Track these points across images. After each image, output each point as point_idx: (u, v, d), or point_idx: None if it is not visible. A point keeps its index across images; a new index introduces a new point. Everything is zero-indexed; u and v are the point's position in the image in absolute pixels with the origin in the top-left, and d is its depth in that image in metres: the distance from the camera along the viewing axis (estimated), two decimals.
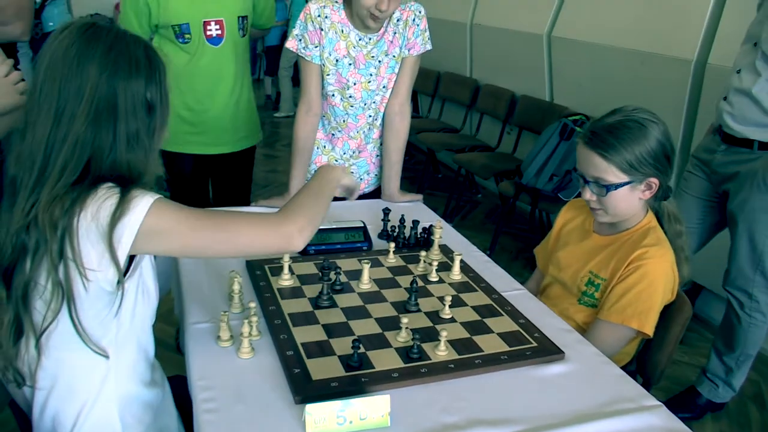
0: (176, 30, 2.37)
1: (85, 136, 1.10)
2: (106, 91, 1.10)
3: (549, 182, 3.58)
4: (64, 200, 1.07)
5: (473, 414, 1.17)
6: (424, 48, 2.11)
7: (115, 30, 1.16)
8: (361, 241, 1.81)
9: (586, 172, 1.60)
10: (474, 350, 1.34)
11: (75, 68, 1.09)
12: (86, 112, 1.09)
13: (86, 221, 1.07)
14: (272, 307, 1.45)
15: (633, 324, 1.53)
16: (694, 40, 3.10)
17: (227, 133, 2.59)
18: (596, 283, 1.63)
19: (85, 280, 1.09)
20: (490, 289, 1.62)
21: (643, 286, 1.53)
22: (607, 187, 1.56)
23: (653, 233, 1.60)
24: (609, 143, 1.54)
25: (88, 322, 1.13)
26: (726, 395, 2.56)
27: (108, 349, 1.17)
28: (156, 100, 1.18)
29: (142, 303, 1.20)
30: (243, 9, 2.48)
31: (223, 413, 1.12)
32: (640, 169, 1.54)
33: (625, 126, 1.55)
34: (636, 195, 1.58)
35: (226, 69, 2.50)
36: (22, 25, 2.63)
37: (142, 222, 1.08)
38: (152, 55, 1.18)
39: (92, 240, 1.08)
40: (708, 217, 2.55)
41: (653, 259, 1.54)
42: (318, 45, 2.02)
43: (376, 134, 2.23)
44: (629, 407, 1.22)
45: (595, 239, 1.70)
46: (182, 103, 2.49)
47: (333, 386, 1.19)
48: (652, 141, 1.54)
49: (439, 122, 5.43)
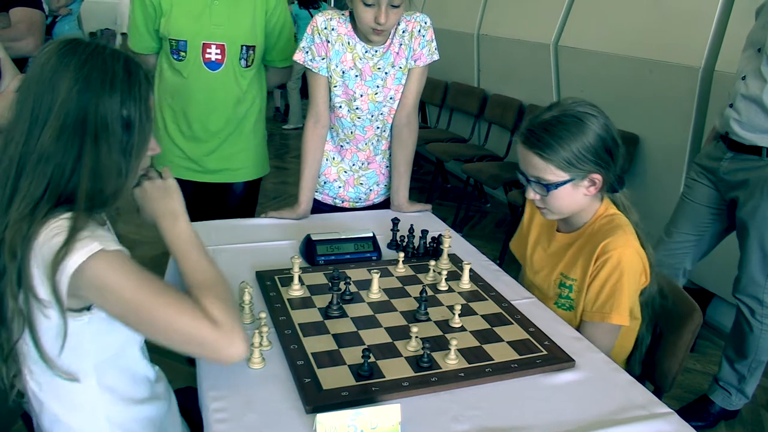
0: (173, 45, 2.28)
1: (49, 151, 1.07)
2: (75, 107, 1.08)
3: None
4: (23, 225, 1.05)
5: (484, 422, 1.17)
6: (431, 59, 2.12)
7: (95, 45, 1.13)
8: (370, 251, 1.81)
9: (527, 171, 1.57)
10: (484, 359, 1.34)
11: (47, 83, 1.08)
12: (54, 126, 1.07)
13: (35, 254, 1.05)
14: (282, 318, 1.45)
15: (613, 320, 1.52)
16: (701, 48, 3.10)
17: (219, 162, 2.44)
18: (568, 284, 1.62)
19: (42, 309, 1.07)
20: (499, 297, 1.62)
21: (613, 278, 1.51)
22: (548, 186, 1.53)
23: (612, 221, 1.57)
24: (545, 142, 1.50)
25: (56, 349, 1.11)
26: (739, 403, 2.55)
27: (88, 373, 1.16)
28: (135, 116, 1.13)
29: (118, 330, 1.14)
30: (249, 38, 2.33)
31: (234, 423, 1.13)
32: (579, 166, 1.50)
33: (560, 122, 1.50)
34: (580, 192, 1.55)
35: (221, 97, 2.35)
36: (33, 40, 2.67)
37: (78, 268, 1.03)
38: (133, 69, 1.14)
39: (40, 274, 1.06)
40: (715, 224, 2.54)
41: (618, 248, 1.50)
42: (325, 57, 2.04)
43: (385, 145, 2.23)
44: (640, 414, 1.22)
45: (559, 238, 1.68)
46: (174, 124, 2.39)
47: (343, 396, 1.19)
48: (590, 136, 1.50)
49: (447, 132, 5.44)
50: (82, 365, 1.16)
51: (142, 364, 1.27)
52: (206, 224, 2.02)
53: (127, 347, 1.21)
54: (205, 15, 2.25)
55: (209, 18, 2.25)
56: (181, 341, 1.10)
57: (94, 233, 1.08)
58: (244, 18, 2.30)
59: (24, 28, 2.62)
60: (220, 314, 1.11)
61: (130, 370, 1.24)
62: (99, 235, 1.09)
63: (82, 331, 1.13)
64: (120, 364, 1.22)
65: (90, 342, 1.15)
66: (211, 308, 1.11)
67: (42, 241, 1.05)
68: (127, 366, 1.23)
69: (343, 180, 2.25)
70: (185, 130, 2.39)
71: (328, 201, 2.29)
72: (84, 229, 1.07)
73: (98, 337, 1.15)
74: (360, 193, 2.28)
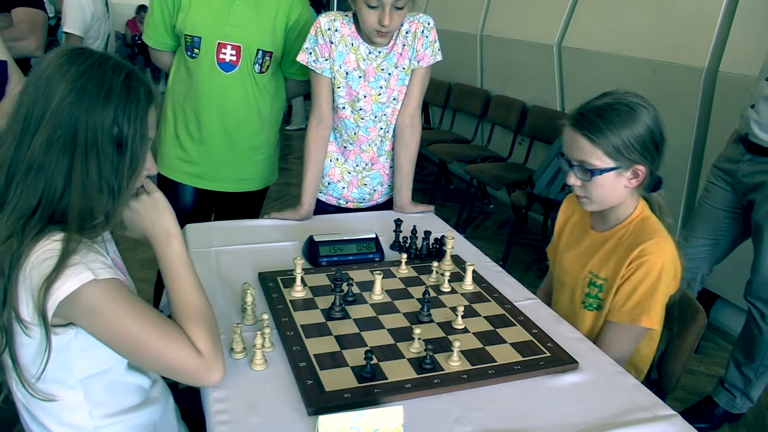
0: (188, 41, 2.23)
1: (39, 162, 1.05)
2: (66, 119, 1.05)
3: (561, 192, 3.57)
4: (13, 243, 1.04)
5: (487, 425, 1.16)
6: (434, 59, 2.11)
7: (97, 56, 1.10)
8: (373, 252, 1.81)
9: (571, 155, 1.56)
10: (487, 360, 1.34)
11: (43, 91, 1.06)
12: (44, 136, 1.05)
13: (23, 275, 1.04)
14: (285, 319, 1.45)
15: (643, 323, 1.50)
16: (705, 49, 3.09)
17: (225, 170, 2.38)
18: (598, 283, 1.60)
19: (24, 329, 1.06)
20: (502, 299, 1.62)
21: (648, 282, 1.50)
22: (592, 171, 1.52)
23: (648, 224, 1.56)
24: (596, 125, 1.50)
25: (35, 368, 1.10)
26: (743, 406, 2.54)
27: (75, 388, 1.15)
28: (127, 135, 1.09)
29: (102, 346, 1.12)
30: (267, 43, 2.26)
31: (237, 425, 1.12)
32: (626, 155, 1.49)
33: (613, 109, 1.51)
34: (621, 182, 1.54)
35: (232, 100, 2.28)
36: (35, 40, 2.67)
37: (67, 296, 1.03)
38: (133, 85, 1.10)
39: (26, 296, 1.04)
40: (732, 228, 2.52)
41: (656, 253, 1.50)
42: (328, 58, 2.04)
43: (389, 146, 2.23)
44: (644, 417, 1.21)
45: (593, 236, 1.67)
46: (183, 125, 2.34)
47: (346, 397, 1.19)
48: (641, 126, 1.50)
49: (451, 133, 5.44)
50: (68, 381, 1.15)
51: (131, 376, 1.25)
52: (209, 225, 2.03)
53: (115, 363, 1.20)
54: (224, 14, 2.21)
55: (227, 17, 2.21)
56: (164, 368, 1.15)
57: (85, 258, 1.06)
58: (264, 22, 2.25)
59: (26, 28, 2.63)
60: (205, 345, 1.15)
61: (119, 384, 1.22)
62: (90, 259, 1.07)
63: (69, 346, 1.11)
64: (108, 380, 1.20)
65: (77, 357, 1.13)
66: (196, 339, 1.15)
67: (32, 263, 1.04)
68: (117, 380, 1.22)
69: (347, 181, 2.24)
70: (193, 131, 2.34)
71: (332, 202, 2.28)
72: (75, 253, 1.05)
73: (86, 352, 1.14)
74: (364, 194, 2.27)
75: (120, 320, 1.08)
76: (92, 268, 1.06)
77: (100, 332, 1.09)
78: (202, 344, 1.15)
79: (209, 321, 1.20)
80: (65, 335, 1.10)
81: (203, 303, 1.22)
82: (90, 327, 1.09)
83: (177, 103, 2.35)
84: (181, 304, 1.19)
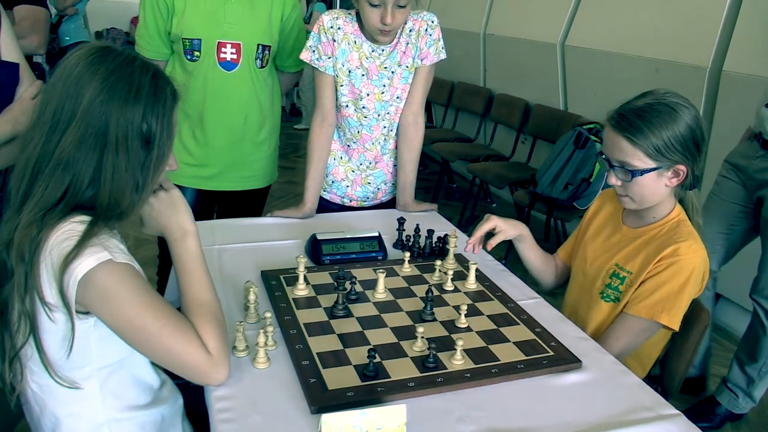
0: (186, 45, 2.22)
1: (69, 158, 1.07)
2: (98, 117, 1.07)
3: (564, 191, 3.56)
4: (32, 229, 1.05)
5: (490, 423, 1.16)
6: (438, 57, 2.11)
7: (126, 54, 1.13)
8: (376, 251, 1.81)
9: (612, 156, 1.54)
10: (490, 359, 1.34)
11: (73, 89, 1.08)
12: (74, 134, 1.07)
13: (44, 257, 1.06)
14: (288, 317, 1.45)
15: (662, 320, 1.50)
16: (708, 47, 3.09)
17: (230, 169, 2.38)
18: (621, 276, 1.60)
19: (49, 312, 1.07)
20: (505, 298, 1.61)
21: (676, 282, 1.49)
22: (633, 172, 1.50)
23: (683, 227, 1.56)
24: (637, 127, 1.48)
25: (61, 351, 1.11)
26: (746, 406, 2.53)
27: (92, 377, 1.16)
28: (155, 132, 1.12)
29: (118, 339, 1.14)
30: (266, 37, 2.28)
31: (240, 423, 1.12)
32: (667, 156, 1.48)
33: (654, 109, 1.49)
34: (663, 182, 1.53)
35: (236, 99, 2.30)
36: (38, 38, 2.67)
37: (85, 274, 1.04)
38: (160, 84, 1.14)
39: (48, 277, 1.06)
40: (743, 222, 2.50)
41: (687, 255, 1.49)
42: (331, 56, 2.04)
43: (393, 145, 2.23)
44: (647, 416, 1.21)
45: (624, 231, 1.66)
46: (188, 129, 2.33)
47: (349, 396, 1.19)
48: (681, 126, 1.48)
49: (453, 132, 5.44)
50: (86, 369, 1.16)
51: (146, 371, 1.26)
52: (211, 223, 2.03)
53: (132, 354, 1.21)
54: (219, 13, 2.22)
55: (223, 16, 2.22)
56: (172, 363, 1.15)
57: (104, 242, 1.08)
58: (259, 17, 2.27)
59: (28, 25, 2.63)
60: (215, 343, 1.16)
61: (133, 377, 1.24)
62: (109, 244, 1.09)
63: (88, 334, 1.13)
64: (124, 371, 1.21)
65: (96, 345, 1.15)
66: (206, 336, 1.16)
67: (52, 244, 1.06)
68: (131, 373, 1.23)
69: (351, 179, 2.24)
70: (198, 134, 2.33)
71: (336, 200, 2.28)
72: (95, 236, 1.07)
73: (104, 342, 1.15)
74: (368, 192, 2.27)
75: (133, 308, 1.09)
76: (109, 250, 1.08)
77: (113, 319, 1.10)
78: (211, 342, 1.15)
79: (219, 320, 1.20)
80: (85, 323, 1.11)
81: (214, 301, 1.23)
82: (103, 313, 1.09)
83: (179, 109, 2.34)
84: (193, 300, 1.20)
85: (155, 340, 1.11)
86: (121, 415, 1.21)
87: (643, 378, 1.45)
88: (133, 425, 1.23)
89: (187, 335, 1.13)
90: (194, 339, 1.14)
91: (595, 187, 3.52)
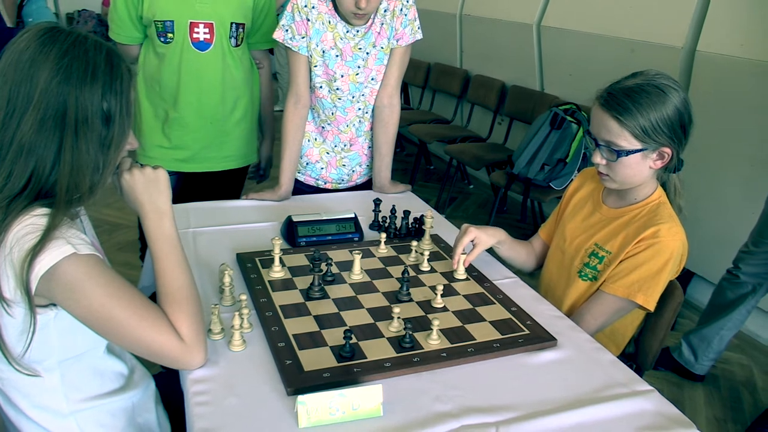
0: (159, 27, 2.19)
1: (30, 143, 1.06)
2: (56, 98, 1.06)
3: (540, 172, 3.58)
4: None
5: (466, 402, 1.17)
6: (413, 38, 2.10)
7: (75, 34, 1.10)
8: (352, 232, 1.80)
9: (599, 135, 1.54)
10: (466, 339, 1.34)
11: (26, 72, 1.06)
12: (33, 118, 1.05)
13: (6, 250, 1.04)
14: (263, 299, 1.44)
15: (638, 300, 1.51)
16: (683, 28, 3.10)
17: (207, 150, 2.37)
18: (600, 255, 1.61)
19: (7, 308, 1.06)
20: (481, 277, 1.62)
21: (654, 263, 1.51)
22: (619, 152, 1.51)
23: (664, 209, 1.56)
24: (625, 107, 1.48)
25: (20, 347, 1.09)
26: (702, 368, 2.68)
27: (53, 369, 1.15)
28: (115, 110, 1.11)
29: (85, 329, 1.13)
30: (239, 15, 2.25)
31: (216, 406, 1.12)
32: (654, 137, 1.48)
33: (643, 90, 1.48)
34: (647, 164, 1.53)
35: (211, 79, 2.27)
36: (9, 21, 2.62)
37: (48, 270, 1.03)
38: (115, 62, 1.12)
39: (7, 272, 1.04)
40: None
41: (667, 237, 1.51)
42: (305, 36, 2.01)
43: (368, 127, 2.21)
44: (622, 392, 1.22)
45: (604, 211, 1.67)
46: (162, 112, 2.31)
47: (325, 377, 1.18)
48: (670, 109, 1.48)
49: (430, 113, 5.42)
50: (47, 362, 1.14)
51: (110, 362, 1.25)
52: (186, 206, 2.00)
53: (94, 347, 1.20)
54: None
55: None
56: (144, 351, 1.13)
57: (66, 234, 1.07)
58: None
59: None
60: (188, 330, 1.15)
61: (97, 369, 1.22)
62: (71, 235, 1.07)
63: (48, 326, 1.11)
64: (86, 363, 1.20)
65: (56, 338, 1.13)
66: (179, 323, 1.15)
67: (12, 239, 1.04)
68: (95, 365, 1.22)
69: (326, 161, 2.23)
70: (173, 116, 2.30)
71: (311, 182, 2.27)
72: (57, 229, 1.06)
73: (65, 335, 1.13)
74: (343, 174, 2.26)
75: (99, 299, 1.07)
76: (73, 243, 1.06)
77: (80, 311, 1.08)
78: (184, 328, 1.14)
79: (194, 304, 1.19)
80: (45, 315, 1.09)
81: (190, 286, 1.21)
82: (70, 305, 1.08)
83: (153, 92, 2.32)
84: (168, 284, 1.19)
85: (124, 330, 1.10)
86: (86, 405, 1.20)
87: (618, 356, 1.46)
88: (101, 413, 1.22)
89: (156, 323, 1.12)
90: (164, 326, 1.13)
91: (572, 167, 3.54)
